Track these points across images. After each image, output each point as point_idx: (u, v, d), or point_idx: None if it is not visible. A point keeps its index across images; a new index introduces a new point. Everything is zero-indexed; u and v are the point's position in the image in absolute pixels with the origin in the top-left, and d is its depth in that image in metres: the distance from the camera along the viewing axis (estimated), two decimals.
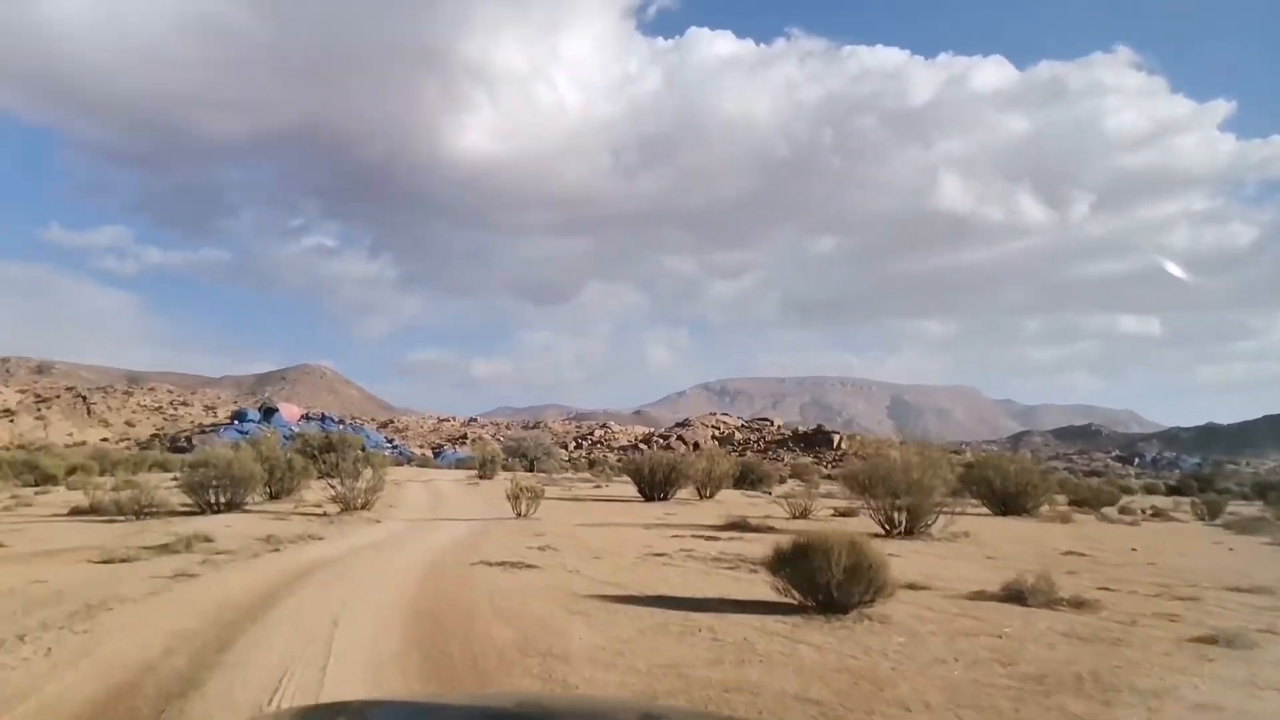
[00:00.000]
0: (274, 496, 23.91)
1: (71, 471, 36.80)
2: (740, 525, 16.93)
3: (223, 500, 20.26)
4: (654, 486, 25.20)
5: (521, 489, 18.69)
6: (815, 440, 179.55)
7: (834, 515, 20.76)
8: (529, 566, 10.41)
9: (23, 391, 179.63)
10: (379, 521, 17.84)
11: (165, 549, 11.86)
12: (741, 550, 12.34)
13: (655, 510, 22.13)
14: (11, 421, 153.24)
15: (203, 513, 19.62)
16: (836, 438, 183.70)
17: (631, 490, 32.52)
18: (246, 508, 20.48)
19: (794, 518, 20.02)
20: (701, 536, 14.91)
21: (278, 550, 12.12)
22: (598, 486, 33.48)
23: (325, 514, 19.52)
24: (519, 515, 18.56)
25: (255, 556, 11.33)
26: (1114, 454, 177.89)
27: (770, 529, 16.35)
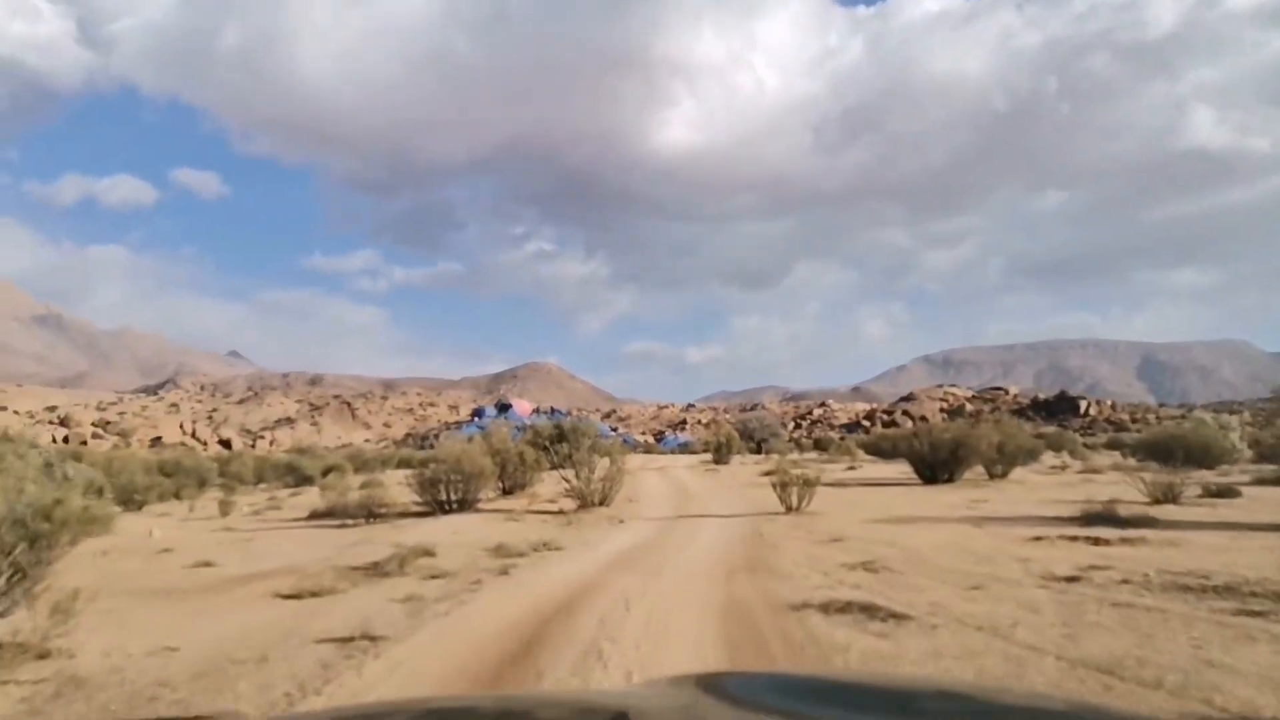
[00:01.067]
0: (507, 492, 21.84)
1: (327, 472, 37.48)
2: (1107, 517, 12.00)
3: (454, 498, 18.11)
4: (936, 466, 20.42)
5: (793, 477, 14.75)
6: (1058, 408, 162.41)
7: (1203, 495, 15.20)
8: (892, 615, 6.15)
9: (299, 402, 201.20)
10: (622, 521, 14.65)
11: (375, 569, 9.14)
12: (1187, 564, 7.68)
13: (949, 496, 17.42)
14: (292, 428, 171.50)
15: (433, 513, 17.51)
16: (1084, 404, 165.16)
17: (889, 470, 27.81)
18: (479, 506, 18.21)
19: (1156, 502, 14.63)
20: (1079, 538, 10.22)
21: (506, 573, 8.98)
22: (851, 468, 28.96)
23: (561, 511, 16.73)
24: (789, 509, 14.66)
25: (476, 586, 8.20)
26: None
27: (1153, 522, 11.42)
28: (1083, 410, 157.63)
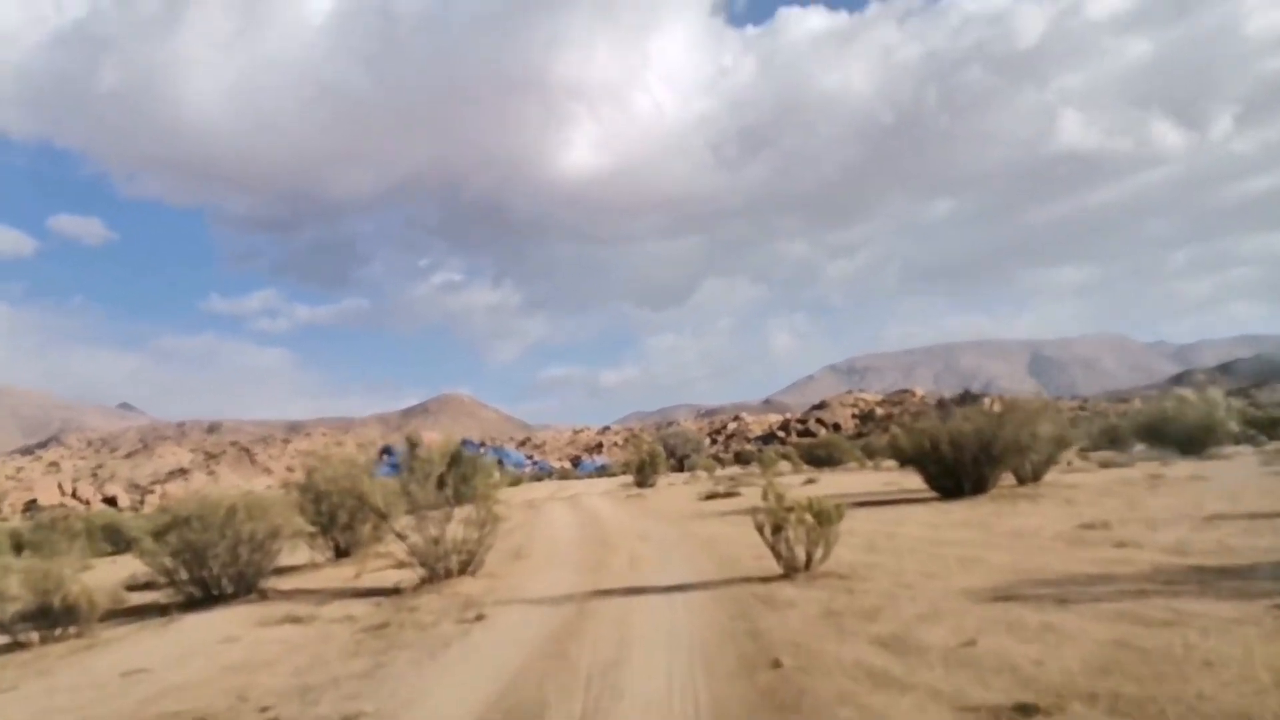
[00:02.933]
0: (342, 554, 14.63)
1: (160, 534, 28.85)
2: None
3: (226, 575, 11.02)
4: (960, 473, 14.22)
5: (791, 508, 7.98)
6: (963, 405, 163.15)
7: None
8: None
9: (194, 450, 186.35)
10: (481, 617, 7.71)
11: None
12: None
13: (1023, 518, 11.12)
14: (185, 479, 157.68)
15: (180, 607, 10.37)
16: (988, 401, 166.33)
17: (861, 480, 21.80)
18: (271, 586, 11.15)
19: None
20: None
21: None
22: (811, 480, 22.59)
23: (397, 590, 9.84)
24: (792, 569, 8.01)
25: None
26: None
27: None
28: (986, 407, 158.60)
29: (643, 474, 30.36)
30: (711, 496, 19.19)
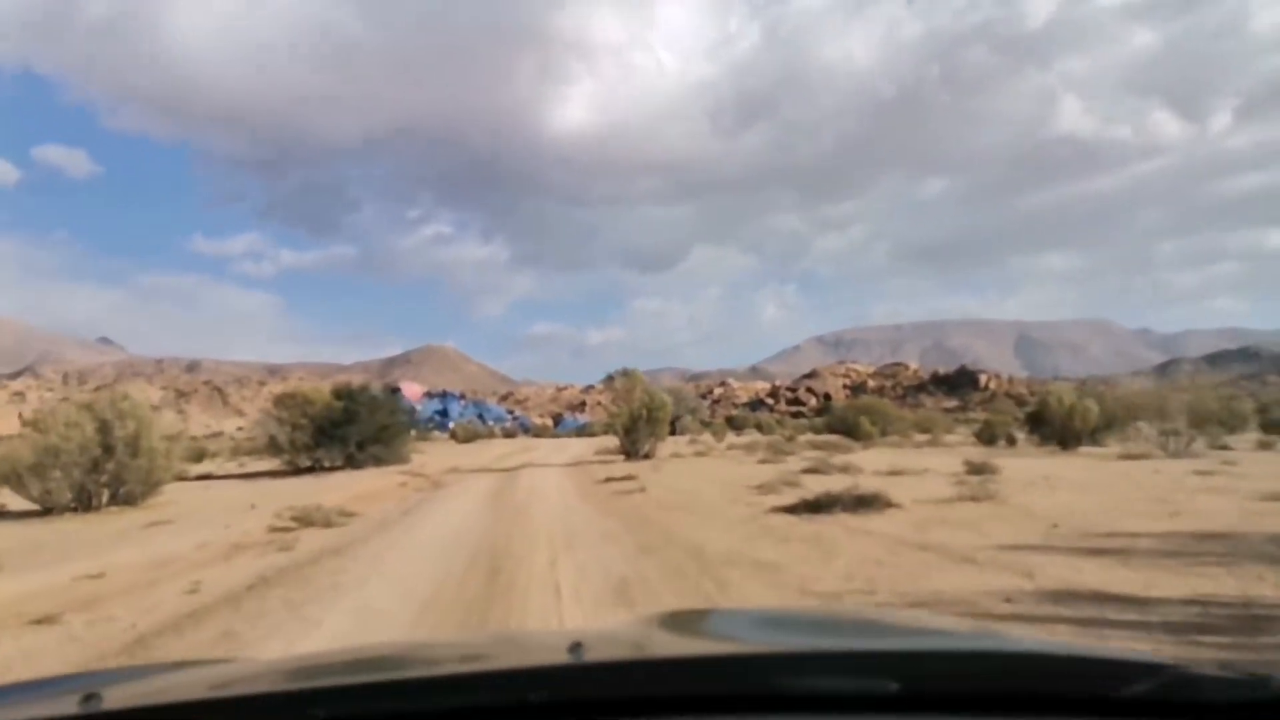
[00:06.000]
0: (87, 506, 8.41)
1: None
2: None
3: None
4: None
5: None
6: (958, 382, 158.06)
7: None
8: None
9: (165, 388, 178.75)
10: None
11: None
12: None
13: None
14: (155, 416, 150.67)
15: None
16: (984, 378, 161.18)
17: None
18: None
19: None
20: None
21: None
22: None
23: None
24: None
25: None
26: None
27: None
28: (982, 384, 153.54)
29: (633, 436, 21.62)
30: (816, 507, 8.89)
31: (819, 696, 1.17)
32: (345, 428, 23.26)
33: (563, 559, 7.14)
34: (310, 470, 23.12)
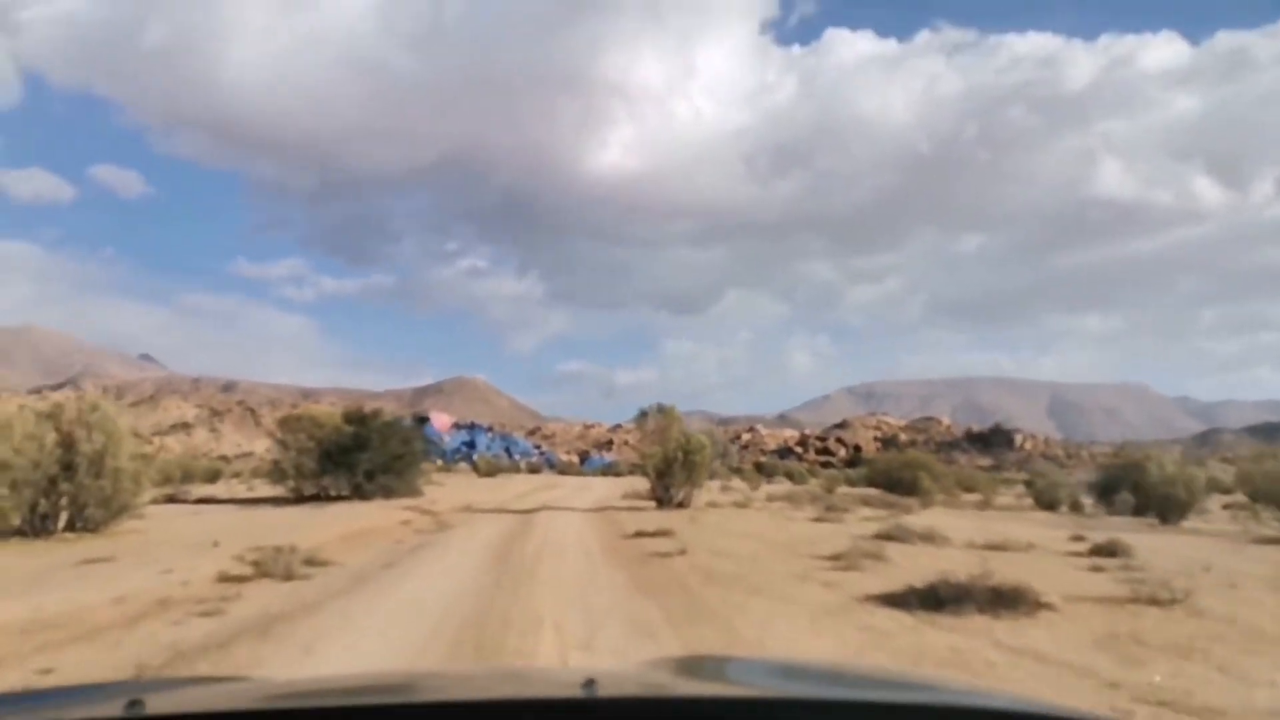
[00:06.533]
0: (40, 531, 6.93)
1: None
2: None
3: None
4: None
5: None
6: (993, 440, 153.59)
7: None
8: None
9: (200, 407, 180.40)
10: None
11: None
12: None
13: None
14: (188, 433, 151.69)
15: None
16: (1019, 437, 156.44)
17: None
18: None
19: None
20: None
21: None
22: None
23: None
24: None
25: None
26: None
27: None
28: (1018, 444, 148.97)
29: (666, 481, 18.60)
30: (936, 600, 6.52)
31: None
32: (354, 455, 21.33)
33: (577, 663, 4.89)
34: (315, 499, 21.19)
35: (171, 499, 23.30)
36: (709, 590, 7.60)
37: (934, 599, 6.17)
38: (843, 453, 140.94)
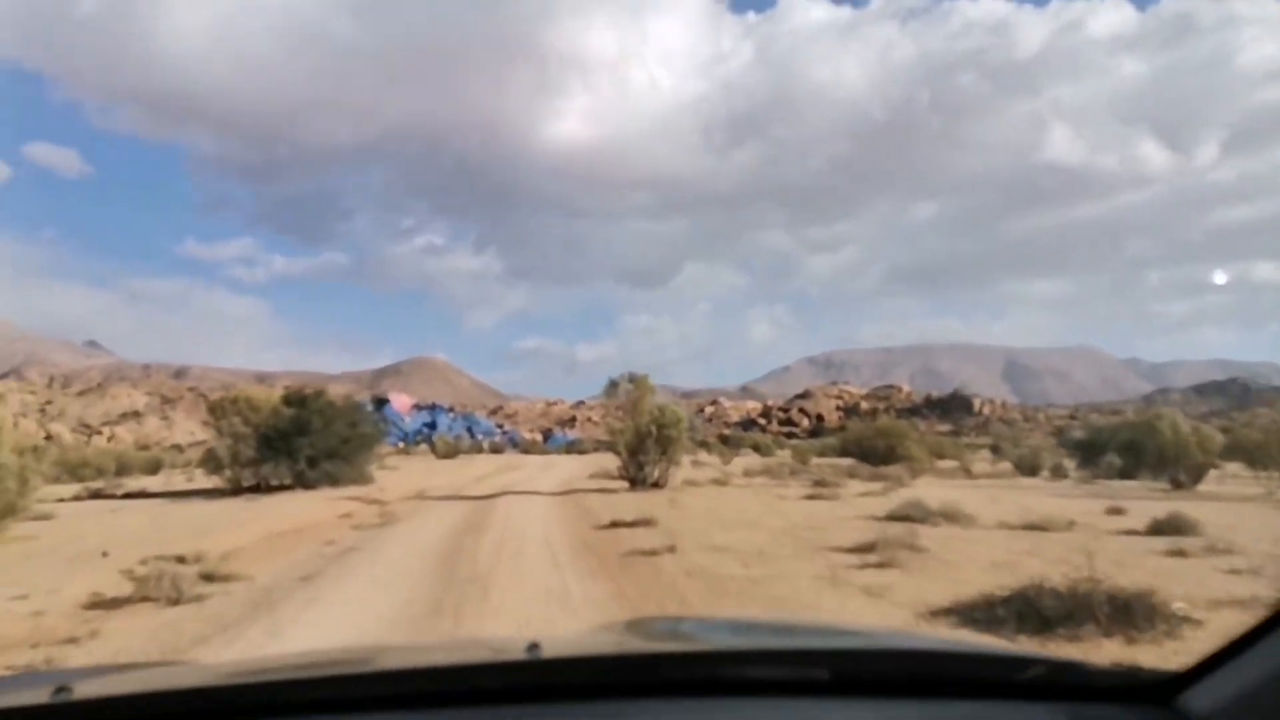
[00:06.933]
0: None
1: None
2: None
3: None
4: None
5: None
6: (952, 406, 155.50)
7: None
8: None
9: (150, 394, 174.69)
10: None
11: None
12: None
13: None
14: (139, 422, 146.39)
15: None
16: (977, 403, 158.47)
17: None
18: None
19: None
20: None
21: None
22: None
23: None
24: None
25: None
26: None
27: None
28: (976, 409, 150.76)
29: (640, 459, 16.80)
30: (1039, 618, 4.56)
31: (761, 683, 1.31)
32: (295, 440, 19.29)
33: None
34: (254, 490, 19.14)
35: (98, 494, 21.19)
36: (720, 608, 5.83)
37: (1034, 615, 4.53)
38: (805, 423, 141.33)
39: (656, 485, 16.62)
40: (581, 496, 15.49)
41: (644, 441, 16.51)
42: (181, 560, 7.92)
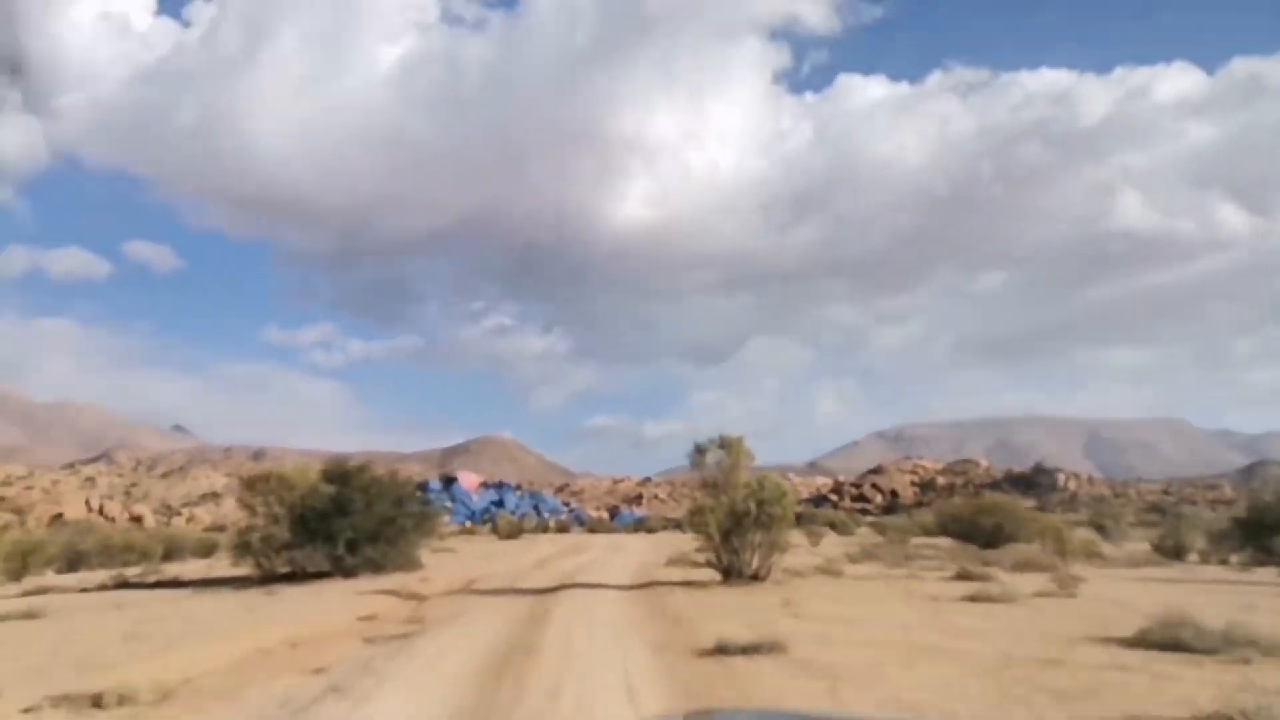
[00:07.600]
0: None
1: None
2: None
3: None
4: None
5: None
6: (1034, 481, 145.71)
7: None
8: None
9: (229, 476, 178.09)
10: None
11: None
12: None
13: None
14: (217, 503, 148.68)
15: None
16: (1062, 476, 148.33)
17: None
18: None
19: None
20: None
21: None
22: None
23: None
24: None
25: None
26: None
27: None
28: (1061, 484, 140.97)
29: (734, 543, 13.43)
30: None
31: None
32: (335, 521, 16.75)
33: None
34: (288, 578, 16.60)
35: (123, 583, 19.04)
36: None
37: None
38: (879, 499, 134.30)
39: (756, 577, 13.23)
40: (663, 594, 12.25)
41: (741, 521, 13.02)
42: (96, 703, 5.23)
